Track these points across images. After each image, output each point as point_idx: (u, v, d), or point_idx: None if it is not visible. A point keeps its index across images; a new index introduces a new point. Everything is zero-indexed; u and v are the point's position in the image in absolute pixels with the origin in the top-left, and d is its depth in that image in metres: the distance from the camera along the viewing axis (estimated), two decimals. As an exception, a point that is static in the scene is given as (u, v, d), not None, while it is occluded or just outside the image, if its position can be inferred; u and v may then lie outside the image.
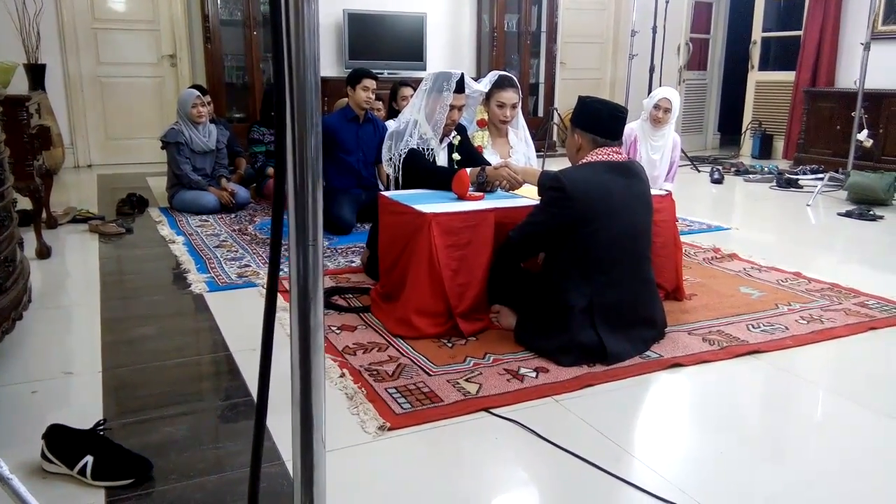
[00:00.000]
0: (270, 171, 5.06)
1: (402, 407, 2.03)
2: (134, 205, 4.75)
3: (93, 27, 6.58)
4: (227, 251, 3.79)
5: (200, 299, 3.02)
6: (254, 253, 3.76)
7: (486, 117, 3.52)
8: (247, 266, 3.50)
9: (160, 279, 3.37)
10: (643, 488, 1.67)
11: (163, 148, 4.83)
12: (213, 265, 3.50)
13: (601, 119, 2.45)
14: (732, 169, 6.90)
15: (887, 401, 2.19)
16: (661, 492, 1.65)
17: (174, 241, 3.96)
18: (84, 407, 2.04)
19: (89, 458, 1.66)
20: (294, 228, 0.77)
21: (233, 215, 4.69)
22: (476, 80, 3.59)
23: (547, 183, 2.43)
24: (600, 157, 2.43)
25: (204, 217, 4.62)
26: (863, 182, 5.26)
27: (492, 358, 2.38)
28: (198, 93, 4.83)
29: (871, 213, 4.82)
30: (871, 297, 3.06)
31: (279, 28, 0.71)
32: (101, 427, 1.78)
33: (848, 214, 4.87)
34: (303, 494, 0.86)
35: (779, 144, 7.94)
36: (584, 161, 2.46)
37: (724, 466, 1.80)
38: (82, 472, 1.65)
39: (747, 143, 8.25)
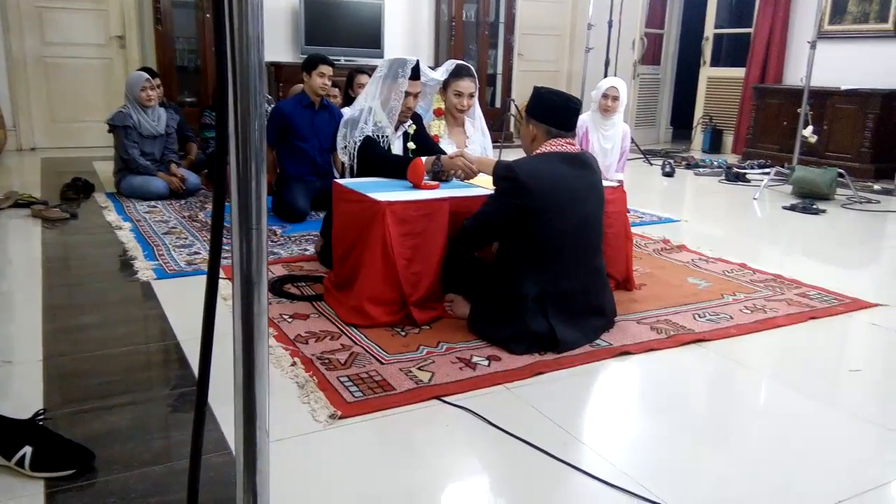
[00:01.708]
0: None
1: (353, 395, 2.02)
2: (79, 189, 4.61)
3: (37, 5, 6.33)
4: (177, 238, 3.70)
5: (147, 287, 2.95)
6: (204, 240, 3.69)
7: (442, 106, 3.51)
8: (196, 253, 3.43)
9: (105, 266, 3.28)
10: (591, 473, 1.70)
11: (110, 131, 4.69)
12: (161, 252, 3.42)
13: (555, 110, 2.47)
14: (683, 162, 7.04)
15: (825, 388, 2.27)
16: (609, 477, 1.68)
17: (121, 228, 3.86)
18: (24, 397, 1.98)
19: (28, 449, 1.61)
20: (237, 212, 0.76)
21: (182, 201, 4.59)
22: (433, 69, 3.58)
23: (501, 173, 2.44)
24: (554, 147, 2.45)
25: (152, 203, 4.51)
26: (807, 177, 5.43)
27: (445, 346, 2.39)
28: (147, 75, 4.71)
29: (815, 206, 4.98)
30: (812, 288, 3.16)
31: (221, 9, 0.70)
32: (40, 417, 1.73)
33: (792, 208, 5.02)
34: (245, 483, 0.85)
35: (728, 139, 8.13)
36: (538, 152, 2.48)
37: (670, 451, 1.85)
38: (20, 463, 1.60)
39: (698, 138, 8.42)
